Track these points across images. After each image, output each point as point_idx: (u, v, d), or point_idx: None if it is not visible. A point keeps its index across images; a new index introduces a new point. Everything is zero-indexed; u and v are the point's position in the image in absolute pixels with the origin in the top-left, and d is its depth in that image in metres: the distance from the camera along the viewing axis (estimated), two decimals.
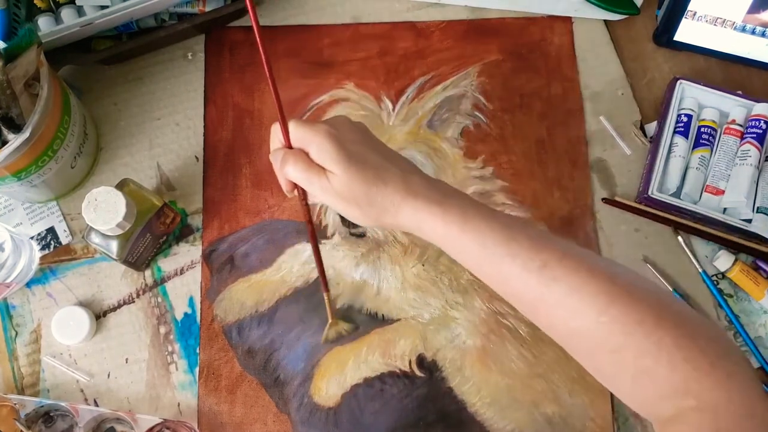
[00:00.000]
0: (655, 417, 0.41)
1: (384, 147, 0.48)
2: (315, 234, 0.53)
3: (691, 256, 0.66)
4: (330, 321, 0.57)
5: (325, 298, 0.55)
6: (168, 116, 0.69)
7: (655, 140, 0.68)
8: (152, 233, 0.60)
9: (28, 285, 0.64)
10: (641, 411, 0.42)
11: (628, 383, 0.41)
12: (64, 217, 0.66)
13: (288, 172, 0.46)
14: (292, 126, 0.46)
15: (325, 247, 0.65)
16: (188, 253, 0.66)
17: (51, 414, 0.62)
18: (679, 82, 0.69)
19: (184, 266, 0.65)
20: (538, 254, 0.42)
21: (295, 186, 0.49)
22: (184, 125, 0.69)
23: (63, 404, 0.60)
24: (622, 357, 0.40)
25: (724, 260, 0.65)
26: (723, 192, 0.65)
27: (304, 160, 0.46)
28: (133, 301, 0.64)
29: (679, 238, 0.66)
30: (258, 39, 0.44)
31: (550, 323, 0.44)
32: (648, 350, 0.39)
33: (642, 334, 0.40)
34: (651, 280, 0.56)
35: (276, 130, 0.48)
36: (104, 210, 0.55)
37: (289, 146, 0.47)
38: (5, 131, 0.54)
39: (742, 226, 0.64)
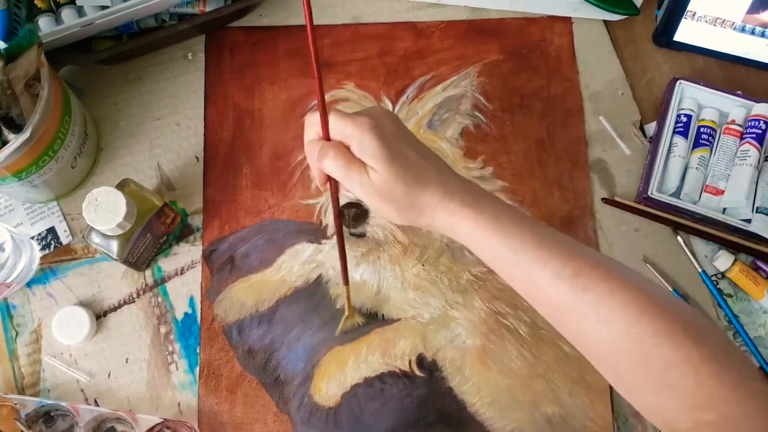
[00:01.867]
0: (672, 429, 0.41)
1: (419, 142, 0.47)
2: (341, 227, 0.53)
3: (691, 256, 0.66)
4: (347, 313, 0.61)
5: (346, 291, 0.58)
6: (168, 116, 0.69)
7: (655, 140, 0.68)
8: (152, 233, 0.61)
9: (28, 285, 0.64)
10: (657, 422, 0.42)
11: (650, 394, 0.41)
12: (65, 217, 0.66)
13: (326, 165, 0.45)
14: (333, 118, 0.45)
15: (325, 248, 0.65)
16: (188, 253, 0.66)
17: (51, 414, 0.62)
18: (678, 82, 0.69)
19: (184, 266, 0.65)
20: (570, 262, 0.42)
21: (328, 179, 0.47)
22: (184, 125, 0.69)
23: (63, 404, 0.60)
24: (648, 368, 0.40)
25: (723, 260, 0.65)
26: (722, 192, 0.65)
27: (344, 155, 0.44)
28: (134, 301, 0.64)
29: (679, 238, 0.66)
30: (308, 27, 0.42)
31: (578, 331, 0.44)
32: (675, 363, 0.39)
33: (670, 346, 0.40)
34: (676, 296, 0.55)
35: (312, 120, 0.46)
36: (105, 210, 0.55)
37: (327, 138, 0.46)
38: (6, 131, 0.54)
39: (741, 226, 0.64)
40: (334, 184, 0.48)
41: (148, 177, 0.67)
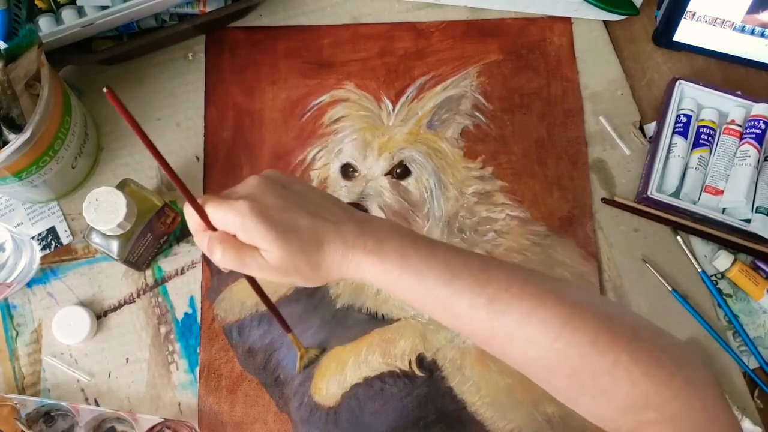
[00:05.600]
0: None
1: (309, 196, 0.45)
2: (276, 309, 0.52)
3: (691, 256, 0.66)
4: (299, 352, 0.57)
5: (290, 337, 0.55)
6: (168, 116, 0.69)
7: (655, 140, 0.68)
8: (153, 233, 0.61)
9: (28, 285, 0.64)
10: (603, 426, 0.42)
11: (588, 403, 0.41)
12: (65, 217, 0.66)
13: (218, 262, 0.44)
14: (210, 208, 0.43)
15: None
16: (189, 253, 0.66)
17: (52, 414, 0.62)
18: (678, 82, 0.69)
19: (184, 266, 0.65)
20: (483, 289, 0.42)
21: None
22: (184, 125, 0.69)
23: (64, 404, 0.60)
24: (580, 379, 0.40)
25: (723, 260, 0.65)
26: (722, 192, 0.65)
27: (233, 245, 0.43)
28: (134, 301, 0.64)
29: (679, 238, 0.66)
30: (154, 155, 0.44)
31: (506, 355, 0.43)
32: (605, 370, 0.39)
33: (597, 354, 0.39)
34: (599, 294, 0.54)
35: (191, 212, 0.44)
36: (105, 210, 0.55)
37: (212, 228, 0.44)
38: (6, 131, 0.55)
39: (741, 226, 0.64)
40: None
41: (148, 177, 0.68)
